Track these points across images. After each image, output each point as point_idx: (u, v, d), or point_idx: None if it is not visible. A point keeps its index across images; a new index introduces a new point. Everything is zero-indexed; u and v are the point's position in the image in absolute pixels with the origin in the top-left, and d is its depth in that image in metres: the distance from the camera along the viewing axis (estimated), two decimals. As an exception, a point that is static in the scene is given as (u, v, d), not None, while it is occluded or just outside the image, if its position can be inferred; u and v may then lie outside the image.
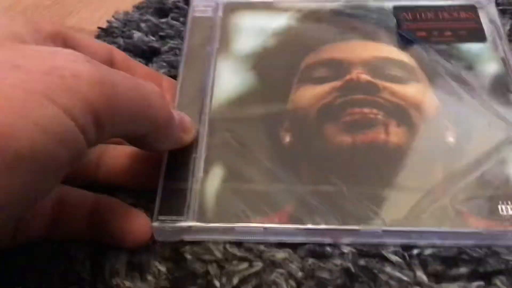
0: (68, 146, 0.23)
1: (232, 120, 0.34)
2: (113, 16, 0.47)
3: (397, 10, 0.40)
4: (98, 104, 0.24)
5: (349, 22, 0.40)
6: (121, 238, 0.30)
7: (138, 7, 0.48)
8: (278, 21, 0.40)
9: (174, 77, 0.37)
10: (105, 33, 0.45)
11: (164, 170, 0.31)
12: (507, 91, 0.35)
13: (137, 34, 0.44)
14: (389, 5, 0.40)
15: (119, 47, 0.43)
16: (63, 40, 0.29)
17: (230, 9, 0.41)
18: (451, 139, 0.33)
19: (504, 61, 0.37)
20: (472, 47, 0.38)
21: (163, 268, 0.30)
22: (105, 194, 0.31)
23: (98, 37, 0.45)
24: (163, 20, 0.45)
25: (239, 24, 0.40)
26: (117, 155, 0.32)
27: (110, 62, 0.32)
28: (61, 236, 0.30)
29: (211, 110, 0.34)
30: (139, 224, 0.30)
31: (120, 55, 0.33)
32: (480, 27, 0.39)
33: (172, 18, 0.45)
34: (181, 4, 0.46)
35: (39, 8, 0.52)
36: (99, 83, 0.24)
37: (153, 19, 0.45)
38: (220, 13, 0.40)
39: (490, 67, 0.37)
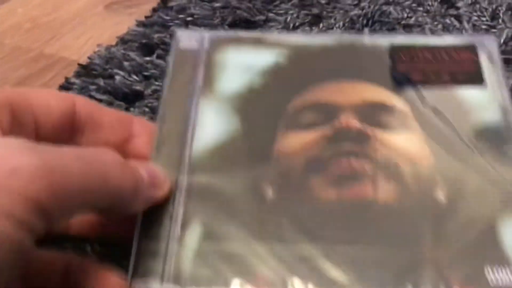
0: (8, 249, 0.22)
1: (213, 172, 0.32)
2: (94, 52, 0.46)
3: (394, 50, 0.38)
4: (42, 196, 0.23)
5: (340, 60, 0.37)
6: None
7: (122, 40, 0.47)
8: (266, 58, 0.38)
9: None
10: (85, 71, 0.45)
11: (138, 228, 0.30)
12: (505, 144, 0.33)
13: (119, 75, 0.43)
14: (385, 43, 0.38)
15: (98, 89, 0.42)
16: (11, 108, 0.28)
17: (217, 42, 0.38)
18: (441, 197, 0.31)
19: (503, 109, 0.35)
20: (469, 93, 0.35)
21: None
22: (77, 249, 0.31)
23: (77, 74, 0.44)
24: (148, 58, 0.45)
25: (224, 60, 0.37)
26: None
27: (71, 117, 0.31)
28: None
29: (191, 160, 0.33)
30: (112, 284, 0.28)
31: (84, 106, 0.31)
32: (479, 70, 0.36)
33: (158, 56, 0.45)
34: (167, 40, 0.46)
35: (19, 31, 0.52)
36: (41, 173, 0.23)
37: (138, 58, 0.44)
38: (206, 46, 0.38)
39: (488, 116, 0.34)
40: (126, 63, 0.44)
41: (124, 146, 0.32)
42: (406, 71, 0.37)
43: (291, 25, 0.49)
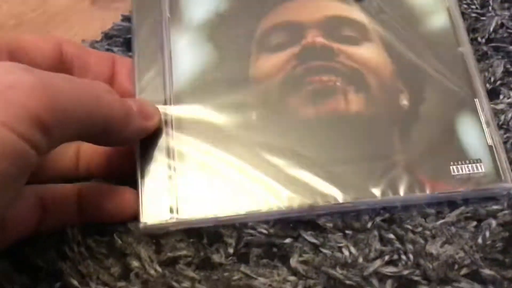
0: (14, 160, 0.23)
1: (198, 102, 0.34)
2: None
3: None
4: (41, 110, 0.24)
5: None
6: (111, 216, 0.31)
7: (107, 35, 0.47)
8: None
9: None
10: None
11: (139, 168, 0.32)
12: (455, 47, 0.37)
13: None
14: None
15: None
16: (7, 50, 0.29)
17: None
18: (404, 101, 0.35)
19: (449, 11, 0.38)
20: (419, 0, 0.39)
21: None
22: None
23: None
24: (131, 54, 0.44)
25: None
26: (94, 146, 0.33)
27: (60, 57, 0.32)
28: (52, 228, 0.31)
29: (174, 92, 0.34)
30: (127, 199, 0.31)
31: (70, 47, 0.33)
32: None
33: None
34: None
35: (3, 28, 0.51)
36: (38, 89, 0.24)
37: (121, 54, 0.43)
38: None
39: (437, 19, 0.38)
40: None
41: (110, 84, 0.33)
42: None
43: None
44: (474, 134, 0.34)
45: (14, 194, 0.24)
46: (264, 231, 0.33)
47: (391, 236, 0.33)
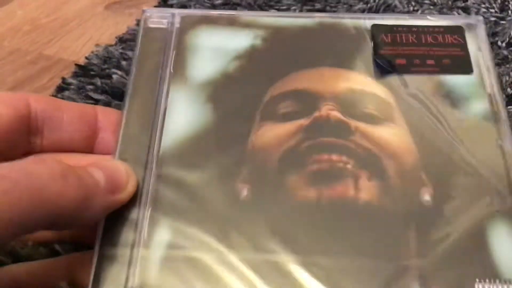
0: None
1: (183, 168, 0.30)
2: (92, 52, 0.46)
3: (376, 30, 0.35)
4: None
5: (321, 43, 0.35)
6: None
7: (121, 39, 0.47)
8: (241, 41, 0.34)
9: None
10: (82, 71, 0.44)
11: (100, 233, 0.27)
12: (495, 140, 0.31)
13: (116, 75, 0.42)
14: (367, 23, 0.35)
15: (95, 89, 0.41)
16: None
17: (189, 22, 0.35)
18: (427, 197, 0.29)
19: (491, 98, 0.32)
20: (455, 81, 0.33)
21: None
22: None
23: (75, 75, 0.44)
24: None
25: (197, 42, 0.34)
26: None
27: (26, 119, 0.29)
28: None
29: (160, 154, 0.30)
30: None
31: (40, 105, 0.29)
32: (467, 55, 0.34)
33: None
34: None
35: (18, 34, 0.51)
36: None
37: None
38: (176, 25, 0.35)
39: (476, 106, 0.32)
40: (124, 63, 0.43)
41: (90, 143, 0.31)
42: (389, 55, 0.34)
43: (293, 20, 0.47)
44: (511, 249, 0.27)
45: None
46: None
47: None
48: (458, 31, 0.35)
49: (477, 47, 0.34)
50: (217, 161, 0.30)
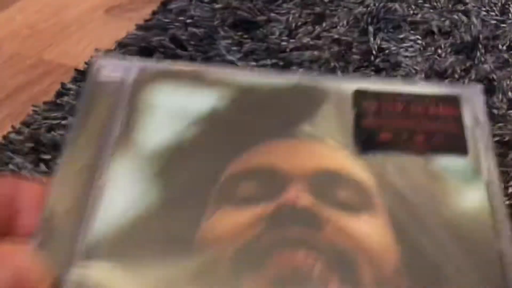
0: None
1: (114, 264, 0.25)
2: (92, 57, 0.46)
3: (359, 96, 0.30)
4: None
5: (296, 108, 0.29)
6: None
7: (121, 44, 0.47)
8: (203, 102, 0.29)
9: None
10: (82, 76, 0.44)
11: None
12: (491, 240, 0.27)
13: None
14: (349, 88, 0.30)
15: None
16: None
17: (145, 75, 0.30)
18: None
19: (488, 187, 0.28)
20: (447, 163, 0.28)
21: None
22: None
23: (74, 80, 0.44)
24: (146, 63, 0.44)
25: (152, 101, 0.29)
26: None
27: None
28: None
29: (88, 244, 0.25)
30: None
31: None
32: (462, 132, 0.29)
33: (157, 59, 0.44)
34: (166, 43, 0.46)
35: (17, 38, 0.51)
36: None
37: (137, 63, 0.44)
38: (131, 79, 0.30)
39: (470, 199, 0.28)
40: (123, 67, 0.43)
41: (9, 225, 0.26)
42: (372, 127, 0.29)
43: (293, 25, 0.48)
44: None
45: None
46: None
47: None
48: (453, 102, 0.30)
49: (474, 121, 0.30)
50: (158, 257, 0.25)
